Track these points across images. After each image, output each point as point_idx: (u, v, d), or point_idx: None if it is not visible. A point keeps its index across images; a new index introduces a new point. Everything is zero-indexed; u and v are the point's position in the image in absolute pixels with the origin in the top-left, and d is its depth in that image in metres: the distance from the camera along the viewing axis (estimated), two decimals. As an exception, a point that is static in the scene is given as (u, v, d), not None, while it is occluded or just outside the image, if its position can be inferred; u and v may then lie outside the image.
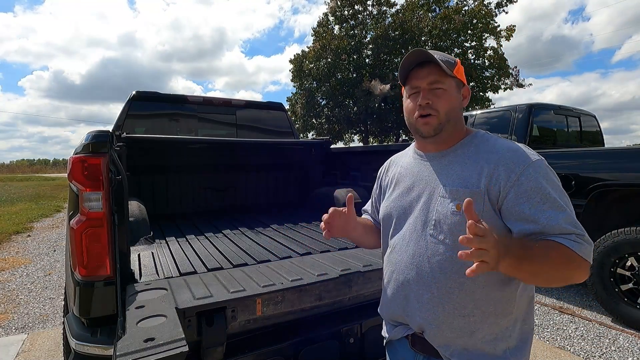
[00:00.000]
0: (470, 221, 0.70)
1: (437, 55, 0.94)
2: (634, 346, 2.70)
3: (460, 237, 0.71)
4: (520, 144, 0.93)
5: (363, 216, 1.34)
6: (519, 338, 0.93)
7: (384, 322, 1.14)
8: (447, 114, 0.95)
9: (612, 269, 2.99)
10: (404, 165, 1.12)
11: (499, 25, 18.22)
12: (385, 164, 1.24)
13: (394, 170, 1.15)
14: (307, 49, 20.46)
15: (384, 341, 1.13)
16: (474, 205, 0.81)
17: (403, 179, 1.08)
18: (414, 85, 0.98)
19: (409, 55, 0.97)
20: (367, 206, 1.34)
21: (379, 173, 1.25)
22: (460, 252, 0.72)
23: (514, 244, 0.78)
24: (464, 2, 18.67)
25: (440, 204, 0.93)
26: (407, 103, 1.02)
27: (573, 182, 3.24)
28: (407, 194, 1.04)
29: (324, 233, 1.15)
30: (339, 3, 19.66)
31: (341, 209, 1.14)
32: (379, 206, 1.19)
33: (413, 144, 1.13)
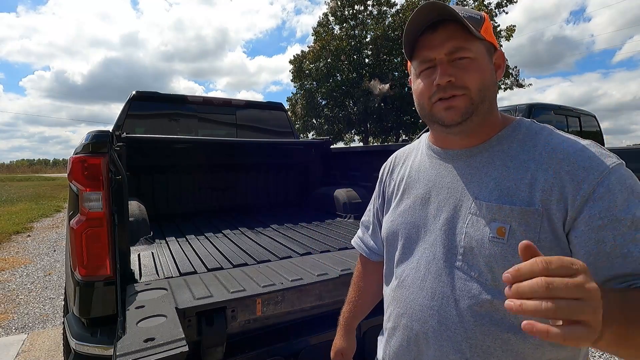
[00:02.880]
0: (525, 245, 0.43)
1: (455, 8, 0.66)
2: (634, 346, 2.69)
3: (534, 281, 0.39)
4: (587, 140, 0.64)
5: (356, 241, 1.07)
6: None
7: None
8: (480, 91, 0.67)
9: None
10: (414, 165, 0.84)
11: (498, 25, 18.20)
12: (388, 162, 0.95)
13: (400, 172, 0.87)
14: (307, 49, 20.47)
15: None
16: (525, 230, 0.60)
17: (414, 185, 0.80)
18: (426, 57, 0.70)
19: (416, 14, 0.67)
20: (366, 217, 1.04)
21: (380, 175, 0.96)
22: (519, 304, 0.40)
23: (613, 298, 0.47)
24: (464, 3, 18.67)
25: (471, 225, 0.66)
26: (417, 83, 0.73)
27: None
28: (420, 207, 0.77)
29: None
30: (339, 3, 19.65)
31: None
32: (382, 219, 0.92)
33: (426, 137, 0.85)
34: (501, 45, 18.40)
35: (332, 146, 3.60)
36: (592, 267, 0.55)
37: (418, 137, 0.94)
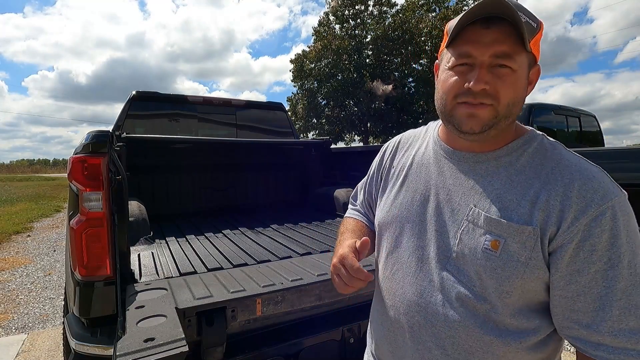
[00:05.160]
0: None
1: (517, 8, 0.61)
2: (634, 346, 2.69)
3: None
4: (595, 166, 0.64)
5: (350, 212, 1.05)
6: None
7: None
8: (508, 107, 0.64)
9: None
10: (418, 156, 0.81)
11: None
12: (392, 144, 0.92)
13: (403, 159, 0.85)
14: (307, 49, 20.45)
15: None
16: (519, 247, 0.61)
17: (415, 178, 0.79)
18: (467, 53, 0.64)
19: (478, 3, 0.61)
20: (358, 190, 1.05)
21: (382, 154, 0.94)
22: None
23: None
24: (464, 2, 18.66)
25: (466, 233, 0.66)
26: (447, 75, 0.68)
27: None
28: (419, 204, 0.76)
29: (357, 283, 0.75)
30: (339, 2, 19.64)
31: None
32: (375, 199, 0.93)
33: (435, 127, 0.83)
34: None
35: (332, 146, 3.60)
36: (565, 282, 0.60)
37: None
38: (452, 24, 0.67)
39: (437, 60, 0.75)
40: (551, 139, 0.70)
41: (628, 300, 0.56)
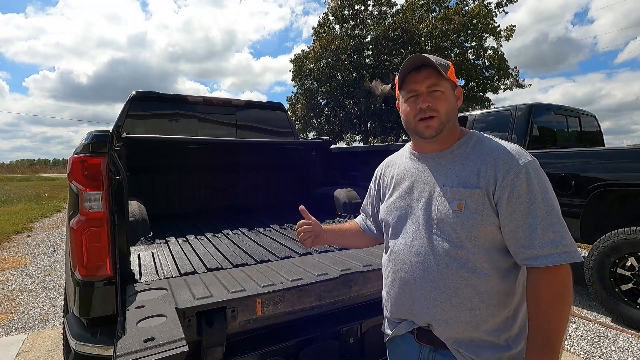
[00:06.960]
0: None
1: (432, 58, 0.97)
2: (634, 346, 2.70)
3: None
4: (513, 144, 0.97)
5: (358, 217, 1.40)
6: (518, 327, 0.97)
7: (384, 319, 1.16)
8: (447, 115, 0.98)
9: (612, 269, 2.99)
10: (401, 166, 1.14)
11: (498, 26, 18.19)
12: (381, 165, 1.28)
13: (391, 172, 1.18)
14: (307, 49, 20.44)
15: (385, 338, 1.14)
16: (475, 204, 0.92)
17: (402, 180, 1.10)
18: (412, 89, 1.01)
19: (407, 61, 1.00)
20: (365, 205, 1.38)
21: (375, 175, 1.30)
22: None
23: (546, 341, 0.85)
24: (464, 2, 18.66)
25: (441, 204, 0.96)
26: (404, 107, 1.05)
27: (573, 182, 3.24)
28: (407, 195, 1.07)
29: (305, 241, 1.24)
30: (339, 3, 19.62)
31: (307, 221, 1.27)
32: (377, 208, 1.24)
33: (408, 145, 1.17)
34: (501, 45, 18.46)
35: (332, 146, 3.60)
36: (508, 220, 0.90)
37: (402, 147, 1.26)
38: (398, 76, 1.04)
39: (397, 101, 1.11)
40: (485, 134, 1.03)
41: (546, 222, 0.87)
